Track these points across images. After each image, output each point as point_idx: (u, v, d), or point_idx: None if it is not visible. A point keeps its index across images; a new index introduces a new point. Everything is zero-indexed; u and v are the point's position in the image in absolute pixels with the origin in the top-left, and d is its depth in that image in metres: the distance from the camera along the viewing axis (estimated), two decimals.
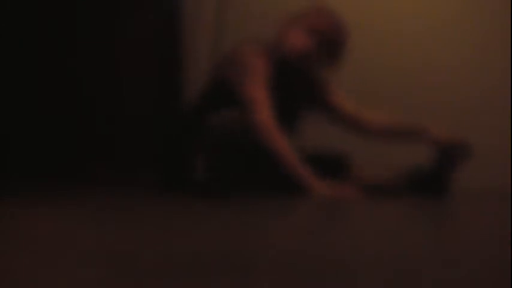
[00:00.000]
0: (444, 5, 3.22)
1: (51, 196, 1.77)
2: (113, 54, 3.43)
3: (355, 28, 3.21)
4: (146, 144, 3.37)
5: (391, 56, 3.22)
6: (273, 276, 0.57)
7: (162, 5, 3.39)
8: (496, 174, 3.14)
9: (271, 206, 1.47)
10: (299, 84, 2.25)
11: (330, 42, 2.09)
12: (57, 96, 3.41)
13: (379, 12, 3.23)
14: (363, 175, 2.27)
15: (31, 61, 3.39)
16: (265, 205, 1.48)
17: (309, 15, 2.10)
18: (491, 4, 3.20)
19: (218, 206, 1.44)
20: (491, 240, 0.83)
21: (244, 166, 2.02)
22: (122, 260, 0.65)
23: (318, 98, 2.31)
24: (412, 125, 2.25)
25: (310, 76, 2.21)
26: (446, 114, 3.19)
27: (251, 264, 0.62)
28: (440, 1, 3.22)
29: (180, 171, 2.07)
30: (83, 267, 0.60)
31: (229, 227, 0.98)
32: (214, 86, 2.13)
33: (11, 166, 3.32)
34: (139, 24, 3.42)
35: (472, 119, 3.18)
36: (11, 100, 3.35)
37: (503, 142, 3.16)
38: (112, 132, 3.42)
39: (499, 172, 3.14)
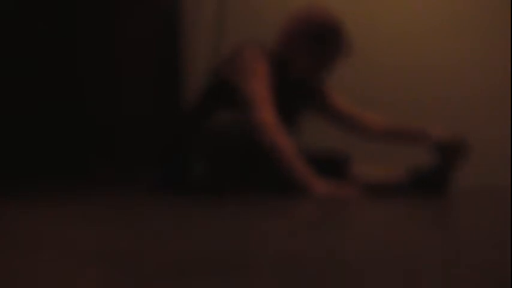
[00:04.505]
0: (444, 5, 3.22)
1: (51, 196, 1.77)
2: (113, 54, 3.43)
3: (356, 28, 3.21)
4: (146, 144, 3.37)
5: (392, 55, 3.22)
6: (273, 276, 0.57)
7: (162, 5, 3.39)
8: (496, 173, 3.14)
9: (271, 206, 1.47)
10: (298, 85, 2.26)
11: (332, 42, 2.10)
12: (57, 96, 3.41)
13: (379, 12, 3.23)
14: (362, 175, 2.27)
15: (31, 61, 3.39)
16: (265, 205, 1.48)
17: (306, 20, 2.10)
18: (491, 4, 3.20)
19: (218, 206, 1.44)
20: (491, 240, 0.83)
21: (244, 166, 2.02)
22: (121, 259, 0.65)
23: (316, 99, 2.31)
24: (411, 127, 2.25)
25: (309, 78, 2.21)
26: (447, 114, 3.19)
27: (251, 264, 0.62)
28: (440, 1, 3.22)
29: (180, 171, 2.07)
30: (83, 267, 0.60)
31: (229, 227, 0.98)
32: (215, 87, 2.13)
33: (11, 166, 3.32)
34: (139, 24, 3.42)
35: (472, 118, 3.19)
36: (11, 100, 3.35)
37: (503, 141, 3.16)
38: (112, 132, 3.42)
39: (499, 171, 3.14)
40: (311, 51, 2.11)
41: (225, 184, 1.99)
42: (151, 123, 3.39)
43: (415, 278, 0.56)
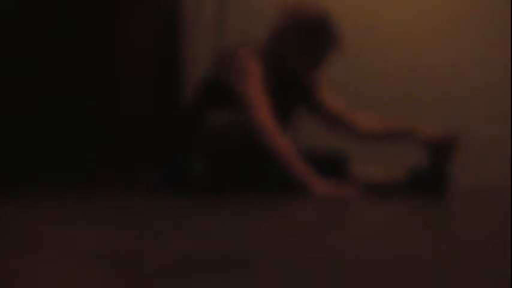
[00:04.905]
0: (444, 5, 3.22)
1: (51, 196, 1.77)
2: (113, 54, 3.43)
3: (356, 28, 3.21)
4: (146, 144, 3.37)
5: (392, 55, 3.22)
6: (273, 276, 0.57)
7: (162, 5, 3.39)
8: (496, 173, 3.14)
9: (271, 206, 1.47)
10: (292, 83, 2.25)
11: (322, 36, 2.09)
12: (57, 96, 3.41)
13: (379, 12, 3.23)
14: (362, 175, 2.27)
15: (31, 61, 3.39)
16: (265, 205, 1.48)
17: (295, 15, 2.10)
18: (491, 4, 3.20)
19: (218, 206, 1.45)
20: (491, 240, 0.83)
21: (244, 166, 2.02)
22: (121, 259, 0.65)
23: (308, 98, 2.30)
24: (402, 127, 2.25)
25: (302, 76, 2.21)
26: (447, 114, 3.19)
27: (251, 264, 0.63)
28: (440, 1, 3.22)
29: (180, 171, 2.07)
30: (83, 267, 0.60)
31: (229, 227, 0.98)
32: (210, 87, 2.13)
33: (11, 166, 3.32)
34: (139, 24, 3.42)
35: (472, 118, 3.18)
36: (11, 100, 3.35)
37: (503, 141, 3.16)
38: (112, 132, 3.42)
39: (499, 171, 3.14)
40: (302, 47, 2.10)
41: (225, 184, 1.99)
42: (151, 123, 3.39)
43: (415, 278, 0.56)
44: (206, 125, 1.96)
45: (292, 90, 2.27)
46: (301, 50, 2.10)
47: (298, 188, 1.91)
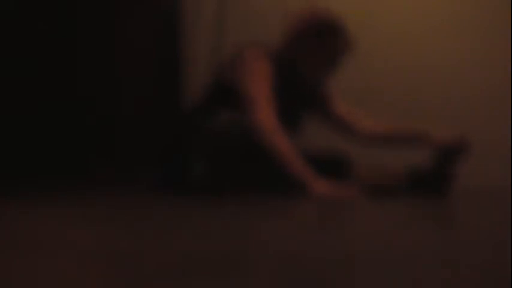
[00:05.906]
0: (444, 5, 3.22)
1: (51, 196, 1.77)
2: (113, 54, 3.43)
3: (356, 28, 3.21)
4: (146, 144, 3.37)
5: (392, 55, 3.22)
6: (273, 276, 0.57)
7: (162, 5, 3.39)
8: (496, 173, 3.14)
9: (271, 206, 1.47)
10: (299, 87, 2.26)
11: (336, 42, 2.10)
12: (58, 96, 3.41)
13: (379, 12, 3.23)
14: (362, 175, 2.27)
15: (31, 61, 3.39)
16: (265, 205, 1.48)
17: (309, 20, 2.10)
18: (491, 4, 3.20)
19: (218, 206, 1.45)
20: (491, 240, 0.83)
21: (244, 166, 2.02)
22: (121, 259, 0.65)
23: (318, 103, 2.31)
24: (411, 130, 2.25)
25: (314, 82, 2.21)
26: (447, 114, 3.19)
27: (251, 265, 0.62)
28: (440, 1, 3.22)
29: (180, 171, 2.07)
30: (83, 267, 0.60)
31: (229, 227, 0.98)
32: (217, 87, 2.13)
33: (11, 166, 3.32)
34: (139, 24, 3.42)
35: (472, 118, 3.18)
36: (11, 100, 3.35)
37: (503, 141, 3.16)
38: (112, 132, 3.42)
39: (499, 171, 3.14)
40: (315, 52, 2.10)
41: (225, 184, 1.99)
42: (151, 123, 3.39)
43: (415, 278, 0.56)
44: (206, 125, 1.96)
45: (301, 95, 2.27)
46: (314, 56, 2.10)
47: (298, 188, 1.91)
